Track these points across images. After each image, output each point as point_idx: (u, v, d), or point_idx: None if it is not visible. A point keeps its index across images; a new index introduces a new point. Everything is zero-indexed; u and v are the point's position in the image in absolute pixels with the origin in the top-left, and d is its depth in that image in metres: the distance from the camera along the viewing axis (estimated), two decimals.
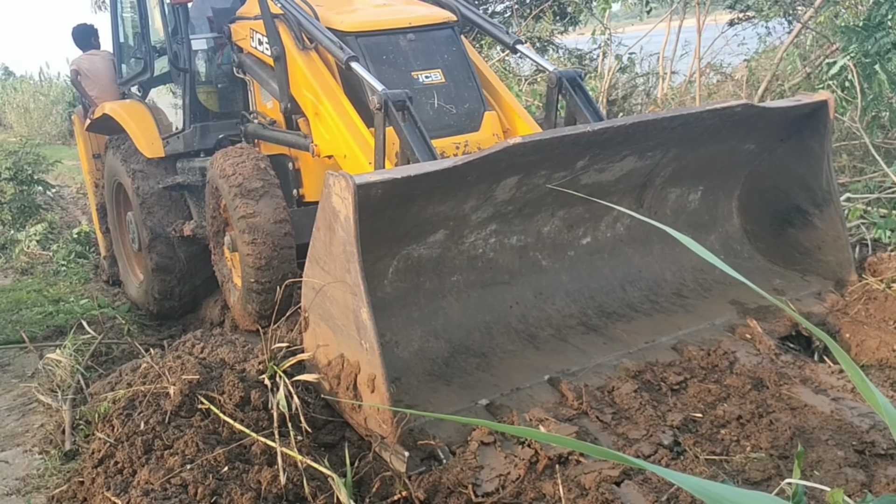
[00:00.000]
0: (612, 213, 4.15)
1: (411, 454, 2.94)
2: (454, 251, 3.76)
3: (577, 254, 4.15)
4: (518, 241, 3.96)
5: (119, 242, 7.32)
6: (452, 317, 3.76)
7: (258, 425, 3.16)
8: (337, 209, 3.00)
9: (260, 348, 3.65)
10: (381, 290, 3.57)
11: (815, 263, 4.34)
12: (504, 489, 2.81)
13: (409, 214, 3.39)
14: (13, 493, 3.55)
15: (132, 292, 7.06)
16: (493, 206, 3.66)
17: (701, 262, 4.31)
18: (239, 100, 5.83)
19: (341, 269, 3.06)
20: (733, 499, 1.13)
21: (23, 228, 9.32)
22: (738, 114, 3.89)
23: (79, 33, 8.06)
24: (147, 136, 6.33)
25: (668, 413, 3.17)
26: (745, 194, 4.61)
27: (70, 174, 15.19)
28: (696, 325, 3.92)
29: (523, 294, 3.96)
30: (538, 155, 3.43)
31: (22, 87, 25.13)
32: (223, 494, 2.77)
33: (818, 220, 4.30)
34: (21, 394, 4.72)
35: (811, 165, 4.26)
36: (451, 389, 3.43)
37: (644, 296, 4.18)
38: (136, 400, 3.43)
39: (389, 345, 3.51)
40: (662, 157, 4.00)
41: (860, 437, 2.98)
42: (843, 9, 7.72)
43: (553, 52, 12.07)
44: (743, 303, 4.09)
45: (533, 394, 3.37)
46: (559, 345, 3.78)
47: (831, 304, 4.04)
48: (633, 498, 2.68)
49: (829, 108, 4.09)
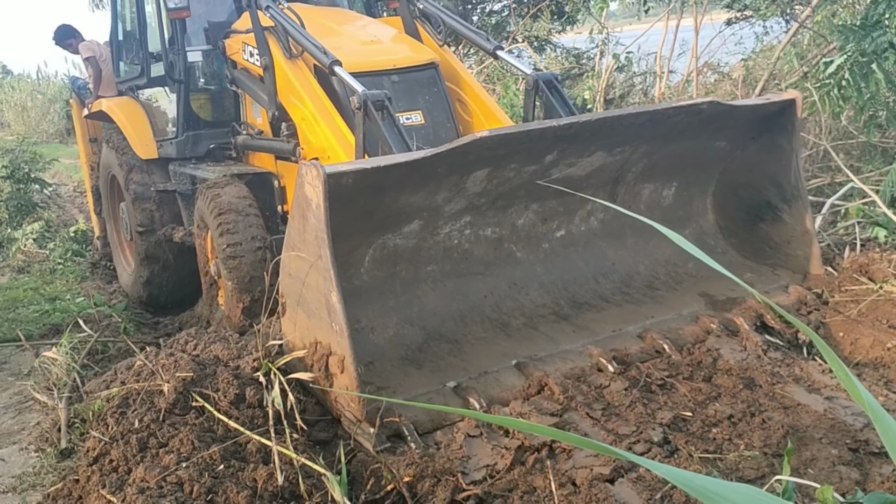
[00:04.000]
0: (585, 207, 4.27)
1: (377, 432, 3.04)
2: (430, 241, 3.87)
3: (551, 246, 4.25)
4: (493, 233, 4.06)
5: (112, 229, 7.60)
6: (427, 305, 3.87)
7: (253, 423, 3.16)
8: (309, 197, 3.11)
9: (254, 345, 3.66)
10: (357, 277, 3.70)
11: (785, 258, 4.45)
12: (491, 479, 2.83)
13: (383, 204, 3.49)
14: (9, 491, 3.55)
15: (123, 279, 7.38)
16: (466, 199, 3.76)
17: (674, 256, 4.46)
18: (231, 110, 6.04)
19: (314, 255, 3.17)
20: (722, 493, 1.14)
21: (19, 227, 9.32)
22: (705, 111, 3.96)
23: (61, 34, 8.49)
24: (142, 138, 6.51)
25: (658, 411, 3.17)
26: (720, 191, 4.70)
27: (67, 172, 15.19)
28: (664, 314, 4.03)
29: (498, 284, 4.07)
30: (505, 148, 3.53)
31: (19, 86, 25.13)
32: (219, 492, 2.77)
33: (787, 216, 4.41)
34: (17, 392, 4.72)
35: (781, 162, 4.35)
36: (421, 373, 3.54)
37: (616, 287, 4.29)
38: (130, 398, 3.42)
39: (365, 330, 3.65)
40: (632, 153, 4.08)
41: (854, 435, 2.98)
42: (841, 8, 7.73)
43: (551, 52, 12.08)
44: (712, 294, 4.20)
45: (499, 377, 3.49)
46: (529, 332, 3.89)
47: (796, 296, 4.11)
48: (627, 496, 2.68)
49: (796, 107, 4.20)
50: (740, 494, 1.16)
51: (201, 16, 6.09)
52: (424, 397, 3.35)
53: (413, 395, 3.36)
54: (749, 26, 9.98)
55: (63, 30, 8.76)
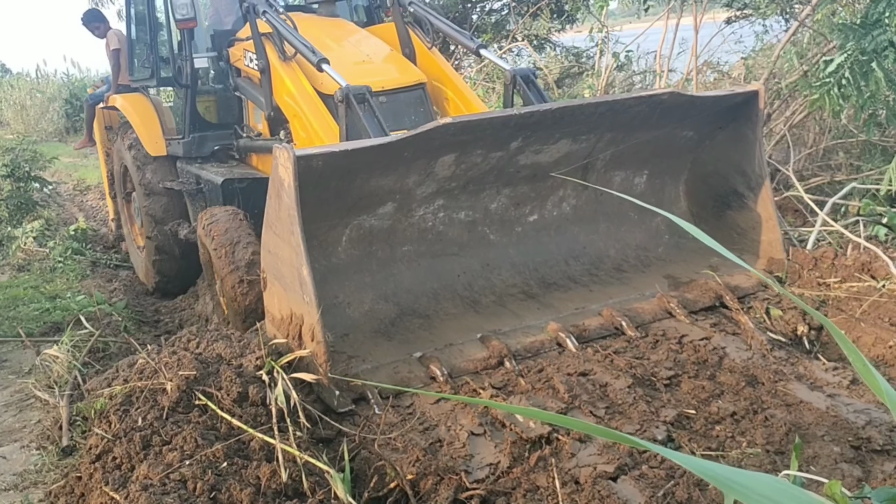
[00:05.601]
0: (557, 192, 4.43)
1: (341, 393, 3.31)
2: (404, 223, 4.05)
3: (524, 230, 4.41)
4: (466, 217, 4.23)
5: (125, 216, 8.11)
6: (402, 283, 4.05)
7: (256, 421, 3.16)
8: (282, 178, 3.33)
9: (256, 344, 3.66)
10: (335, 256, 3.92)
11: (750, 243, 4.59)
12: (494, 477, 2.84)
13: (354, 186, 3.68)
14: (10, 489, 3.55)
15: (135, 264, 7.97)
16: (437, 182, 3.92)
17: (644, 241, 4.64)
18: (234, 113, 6.36)
19: (287, 232, 3.37)
20: (739, 481, 1.15)
21: (19, 225, 9.30)
22: (666, 101, 4.08)
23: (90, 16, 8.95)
24: (151, 136, 6.90)
25: (662, 409, 3.19)
26: (691, 179, 4.84)
27: (66, 171, 15.18)
28: (627, 294, 4.19)
29: (471, 265, 4.24)
30: (469, 134, 3.69)
31: (18, 84, 25.07)
32: (222, 490, 2.77)
33: (752, 203, 4.55)
34: (18, 390, 4.71)
35: (746, 151, 4.50)
36: (391, 344, 3.75)
37: (585, 269, 4.44)
38: (133, 396, 3.42)
39: (342, 305, 3.88)
40: (598, 141, 4.20)
41: (856, 433, 2.99)
42: (841, 6, 7.72)
43: (550, 50, 12.07)
44: (676, 277, 4.37)
45: (463, 349, 3.70)
46: (498, 309, 4.07)
47: (756, 279, 4.28)
48: (629, 493, 2.69)
49: (759, 98, 4.34)
50: (758, 483, 1.17)
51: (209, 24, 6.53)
52: (391, 366, 3.56)
53: (381, 364, 3.58)
54: (749, 25, 9.97)
55: (93, 13, 9.47)
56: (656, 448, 1.20)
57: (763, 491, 1.15)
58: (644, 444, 1.19)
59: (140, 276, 7.77)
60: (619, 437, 1.22)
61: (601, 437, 2.30)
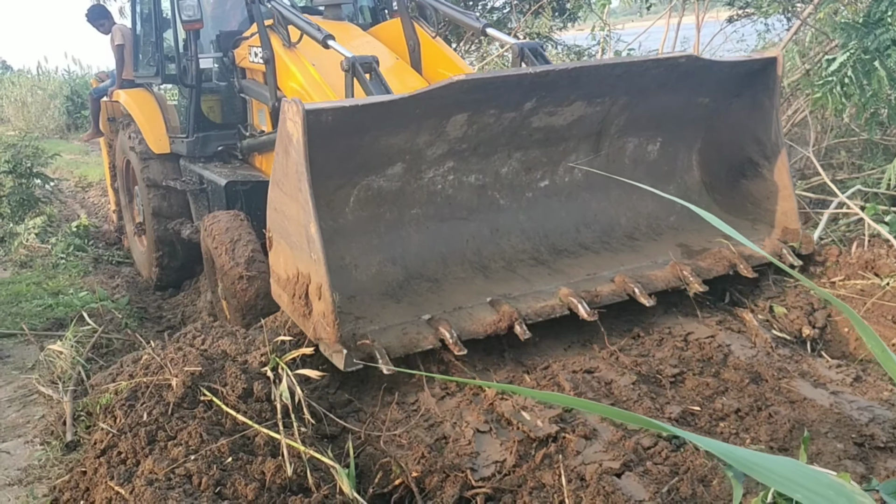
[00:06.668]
0: (569, 158, 4.36)
1: (349, 352, 3.23)
2: (413, 185, 3.99)
3: (534, 196, 4.35)
4: (476, 181, 4.17)
5: (127, 209, 8.16)
6: (410, 246, 4.00)
7: (261, 417, 3.17)
8: (290, 133, 3.25)
9: (261, 340, 3.67)
10: (342, 217, 3.85)
11: (764, 213, 4.53)
12: (500, 475, 2.84)
13: (364, 144, 3.61)
14: (15, 484, 3.55)
15: (136, 258, 8.01)
16: (447, 143, 3.86)
17: (656, 209, 4.58)
18: (238, 113, 6.37)
19: (294, 189, 3.29)
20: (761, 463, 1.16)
21: (22, 221, 9.31)
22: (682, 65, 4.03)
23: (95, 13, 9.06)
24: (155, 132, 6.91)
25: (667, 405, 3.19)
26: (704, 148, 4.77)
27: (68, 168, 15.18)
28: (639, 262, 4.14)
29: (480, 230, 4.19)
30: (482, 93, 3.63)
31: (20, 81, 25.07)
32: (227, 484, 2.78)
33: (767, 172, 4.49)
34: (21, 385, 4.72)
35: (762, 120, 4.43)
36: (399, 306, 3.70)
37: (597, 237, 4.40)
38: (138, 391, 3.43)
39: (349, 267, 3.81)
40: (612, 104, 4.15)
41: (859, 430, 2.99)
42: (843, 5, 7.72)
43: (552, 49, 12.06)
44: (689, 246, 4.32)
45: (472, 312, 3.64)
46: (507, 274, 4.02)
47: (771, 249, 4.23)
48: (634, 489, 2.69)
49: (777, 65, 4.26)
50: (779, 465, 1.18)
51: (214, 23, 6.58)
52: (399, 327, 3.49)
53: (389, 325, 3.51)
54: (751, 24, 9.97)
55: (98, 9, 9.46)
56: (677, 430, 1.21)
57: (784, 472, 1.16)
58: (662, 426, 1.20)
59: (141, 270, 7.79)
60: (638, 419, 1.23)
61: (618, 419, 2.30)
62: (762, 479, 1.15)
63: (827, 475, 1.20)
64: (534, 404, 3.15)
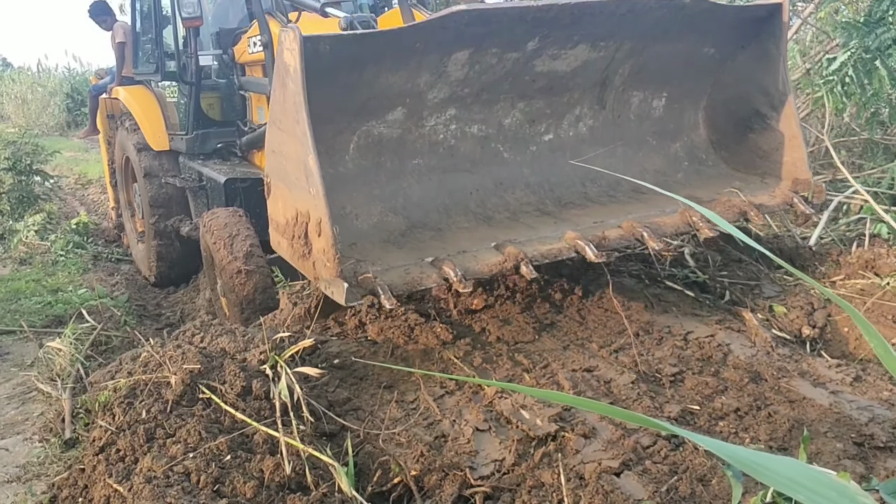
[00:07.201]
0: (574, 111, 4.29)
1: (350, 286, 3.12)
2: (415, 133, 3.91)
3: (539, 149, 4.28)
4: (479, 131, 4.09)
5: (126, 206, 8.20)
6: (412, 197, 3.92)
7: (260, 414, 3.16)
8: (287, 63, 3.15)
9: (260, 338, 3.67)
10: (342, 165, 3.76)
11: (773, 165, 4.45)
12: (499, 474, 2.83)
13: (363, 82, 3.51)
14: (13, 481, 3.55)
15: (135, 256, 8.06)
16: (449, 86, 3.78)
17: (664, 166, 4.53)
18: (238, 111, 6.36)
19: (292, 122, 3.20)
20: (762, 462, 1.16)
21: (21, 218, 9.32)
22: (688, 7, 3.96)
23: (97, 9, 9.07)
24: (154, 130, 6.93)
25: (666, 404, 3.18)
26: (711, 105, 4.70)
27: (68, 165, 15.18)
28: (647, 211, 4.06)
29: (484, 182, 4.11)
30: (483, 27, 3.53)
31: (20, 79, 25.08)
32: (226, 482, 2.78)
33: (775, 122, 4.41)
34: (20, 382, 4.71)
35: (769, 69, 4.35)
36: (402, 251, 3.62)
37: (603, 191, 4.32)
38: (137, 389, 3.42)
39: (349, 216, 3.72)
40: (616, 50, 4.08)
41: (859, 429, 2.99)
42: (844, 5, 7.72)
43: None
44: (698, 197, 4.21)
45: (477, 254, 3.56)
46: (512, 224, 3.95)
47: (782, 198, 4.17)
48: (633, 488, 2.69)
49: (783, 11, 4.19)
50: (779, 464, 1.18)
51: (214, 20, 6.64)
52: (402, 268, 3.41)
53: (391, 266, 3.42)
54: None
55: (100, 5, 9.52)
56: (676, 429, 1.21)
57: (785, 472, 1.16)
58: (662, 424, 1.19)
59: (141, 268, 7.79)
60: (638, 418, 1.22)
61: (618, 417, 2.29)
62: (762, 478, 1.14)
63: (828, 475, 1.19)
64: (533, 403, 3.14)
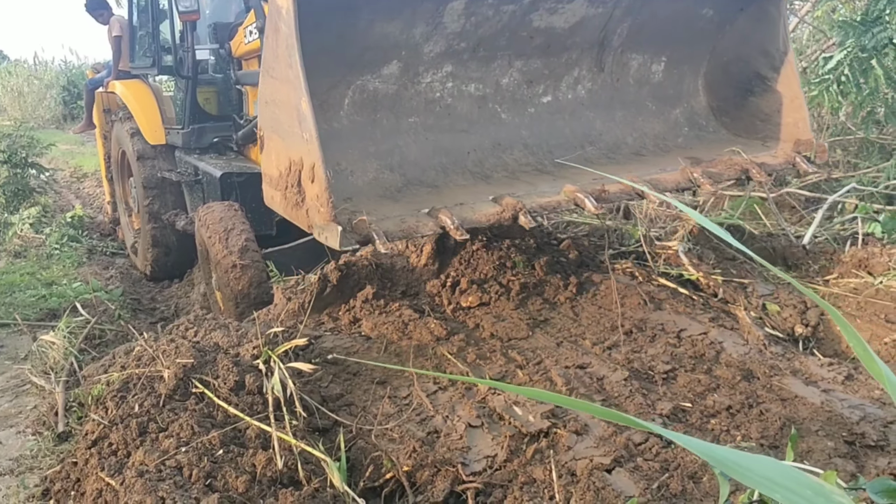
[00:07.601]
0: (572, 72, 4.25)
1: (345, 230, 3.07)
2: (411, 91, 3.86)
3: (537, 111, 4.24)
4: (476, 91, 4.05)
5: (121, 200, 8.25)
6: (409, 155, 3.87)
7: (252, 409, 3.16)
8: (280, 5, 3.10)
9: (253, 333, 3.67)
10: (337, 120, 3.71)
11: (775, 128, 4.40)
12: (491, 470, 2.84)
13: (358, 32, 3.47)
14: (6, 474, 3.55)
15: (129, 245, 8.08)
16: (445, 39, 3.73)
17: (663, 130, 4.49)
18: (234, 105, 6.40)
19: (285, 66, 3.15)
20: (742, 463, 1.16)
21: (16, 212, 9.31)
22: None
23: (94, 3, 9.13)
24: (151, 123, 6.96)
25: (658, 402, 3.19)
26: (711, 71, 4.67)
27: (64, 158, 15.16)
28: (648, 169, 4.03)
29: (481, 143, 4.07)
30: None
31: (16, 71, 25.02)
32: (218, 477, 2.78)
33: (776, 84, 4.38)
34: (14, 375, 4.71)
35: (769, 29, 4.31)
36: (398, 205, 3.57)
37: (602, 154, 4.29)
38: (130, 383, 3.43)
39: (345, 173, 3.67)
40: (615, 7, 4.05)
41: (850, 428, 3.00)
42: (841, 3, 7.72)
43: None
44: (699, 158, 4.19)
45: (475, 206, 3.50)
46: (511, 181, 3.92)
47: (784, 158, 4.14)
48: (624, 485, 2.69)
49: None
50: (760, 465, 1.17)
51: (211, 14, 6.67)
52: (398, 218, 3.35)
53: (387, 216, 3.36)
54: None
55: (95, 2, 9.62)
56: (659, 429, 1.21)
57: (765, 473, 1.16)
58: (646, 425, 1.19)
59: (135, 261, 7.79)
60: (624, 418, 1.22)
61: (606, 418, 2.30)
62: (741, 478, 1.14)
63: (806, 475, 1.19)
64: (526, 399, 3.15)
